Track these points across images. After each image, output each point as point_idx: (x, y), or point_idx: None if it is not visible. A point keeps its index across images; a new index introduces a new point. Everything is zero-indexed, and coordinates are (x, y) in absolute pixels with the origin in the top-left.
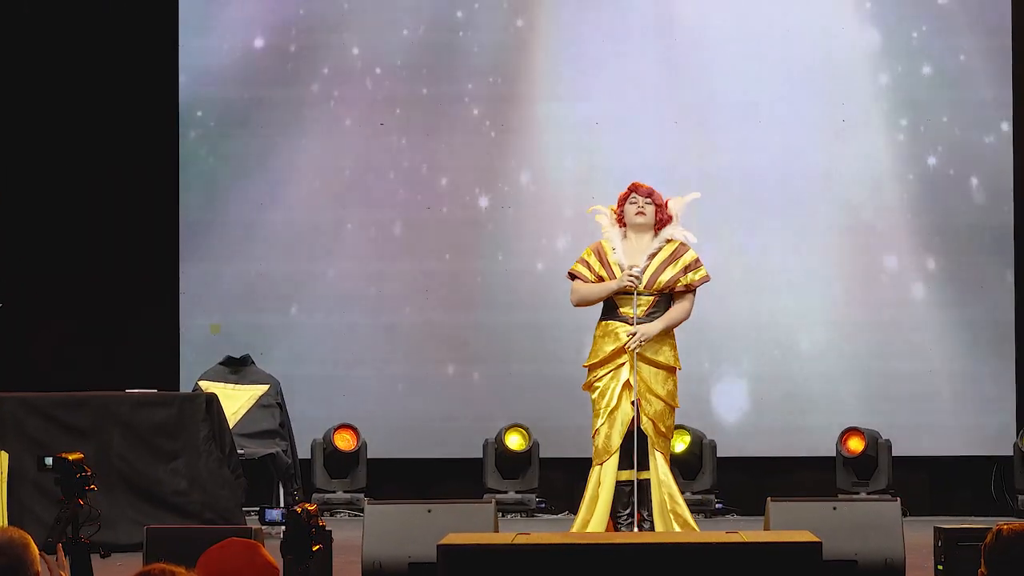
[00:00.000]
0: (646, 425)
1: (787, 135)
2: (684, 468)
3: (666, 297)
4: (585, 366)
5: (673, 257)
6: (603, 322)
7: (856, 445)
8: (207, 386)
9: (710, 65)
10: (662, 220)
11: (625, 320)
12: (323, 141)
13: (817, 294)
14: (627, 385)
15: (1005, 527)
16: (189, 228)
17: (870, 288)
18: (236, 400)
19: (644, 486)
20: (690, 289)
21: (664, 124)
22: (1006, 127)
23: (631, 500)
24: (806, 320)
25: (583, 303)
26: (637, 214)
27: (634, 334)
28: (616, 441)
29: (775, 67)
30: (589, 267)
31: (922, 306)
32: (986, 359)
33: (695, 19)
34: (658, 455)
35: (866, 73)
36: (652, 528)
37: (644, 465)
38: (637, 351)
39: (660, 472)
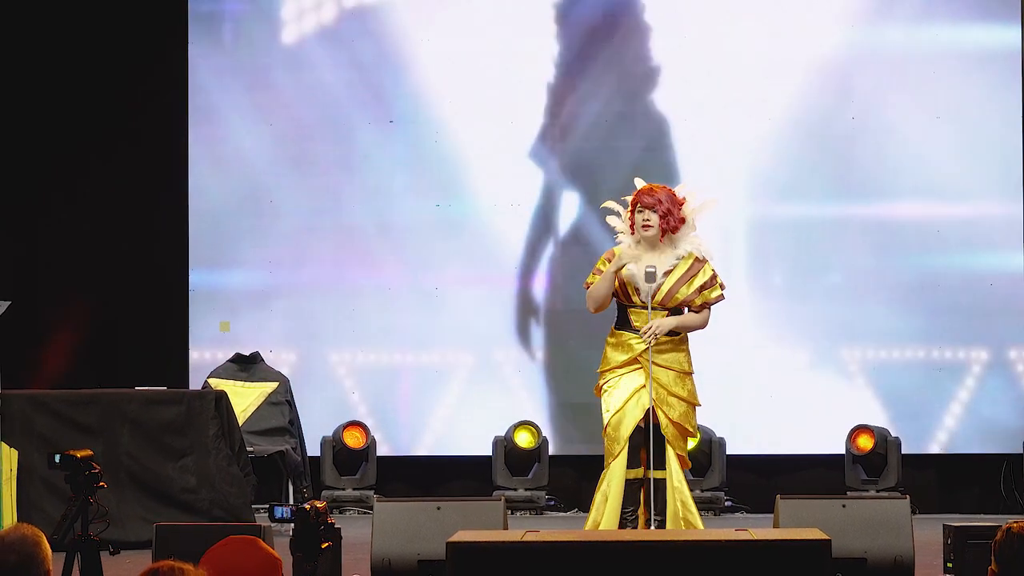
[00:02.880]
0: (667, 429)
1: (794, 132)
2: (694, 466)
3: (677, 312)
4: (597, 371)
5: (689, 275)
6: (616, 331)
7: (865, 443)
8: (216, 383)
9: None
10: (672, 226)
11: (637, 332)
12: (331, 139)
13: (825, 292)
14: (640, 390)
15: (1015, 525)
16: (199, 226)
17: (878, 286)
18: (245, 397)
19: (659, 486)
20: (706, 306)
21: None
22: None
23: (638, 498)
24: (815, 318)
25: (597, 305)
26: (644, 227)
27: (646, 332)
28: (623, 436)
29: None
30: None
31: (929, 304)
32: (994, 357)
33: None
34: (675, 459)
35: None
36: (662, 527)
37: (660, 464)
38: (652, 352)
39: (675, 478)
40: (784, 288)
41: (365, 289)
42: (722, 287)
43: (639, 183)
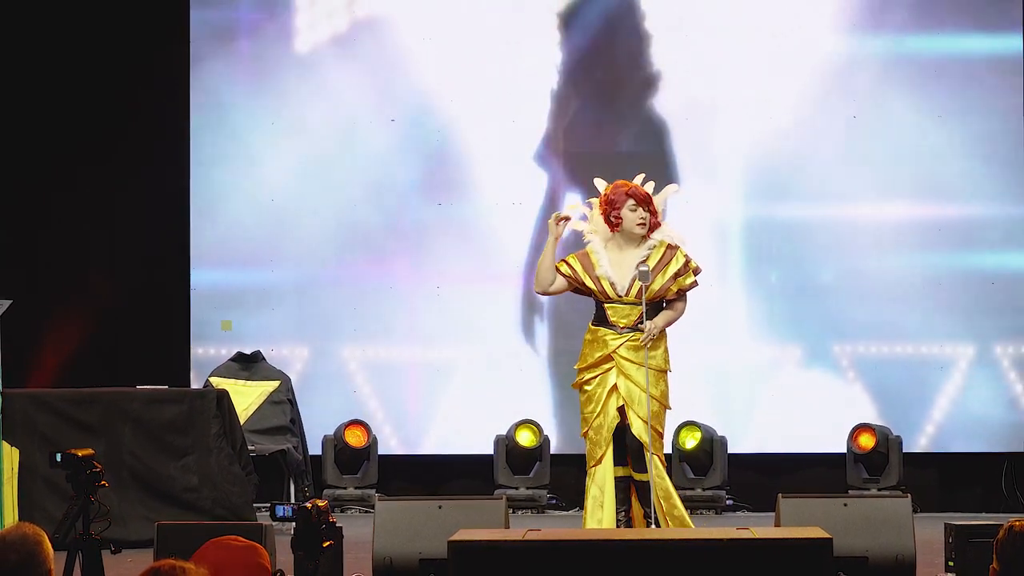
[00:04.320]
0: (640, 430)
1: (795, 132)
2: (695, 464)
3: (656, 304)
4: (576, 368)
5: (662, 263)
6: (593, 327)
7: (867, 442)
8: (218, 382)
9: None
10: (655, 224)
11: (614, 328)
12: (335, 138)
13: (827, 290)
14: (614, 389)
15: (1017, 523)
16: (201, 225)
17: (879, 284)
18: (247, 396)
19: (644, 487)
20: (681, 296)
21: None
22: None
23: (627, 496)
24: (816, 316)
25: (541, 284)
26: (639, 224)
27: (644, 338)
28: (603, 446)
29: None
30: (575, 272)
31: (931, 302)
32: (997, 355)
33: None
34: (655, 458)
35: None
36: (657, 525)
37: (642, 468)
38: (631, 353)
39: (656, 475)
40: (783, 287)
41: (368, 287)
42: (696, 272)
43: (600, 184)
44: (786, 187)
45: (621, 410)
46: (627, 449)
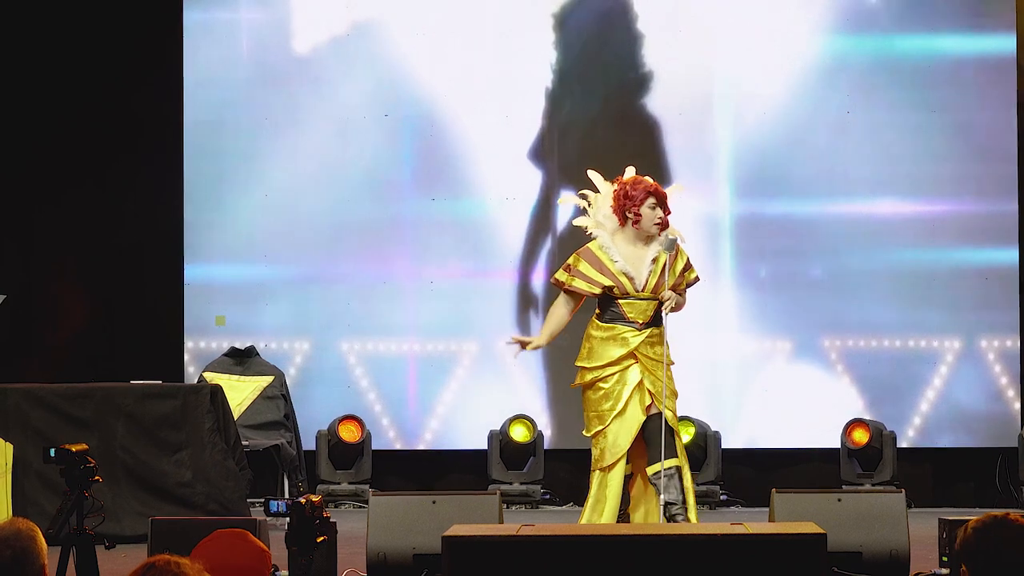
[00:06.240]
0: (670, 419)
1: (788, 129)
2: (689, 459)
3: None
4: (582, 365)
5: (671, 260)
6: (606, 324)
7: (861, 437)
8: (212, 377)
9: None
10: (665, 224)
11: (632, 324)
12: (328, 133)
13: (817, 285)
14: (639, 386)
15: (972, 521)
16: (194, 220)
17: (868, 279)
18: (241, 391)
19: (676, 473)
20: (687, 288)
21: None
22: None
23: (629, 495)
24: (811, 311)
25: (570, 317)
26: (656, 224)
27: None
28: (624, 445)
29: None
30: (590, 280)
31: (919, 297)
32: (990, 350)
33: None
34: (682, 446)
35: None
36: (685, 517)
37: (672, 453)
38: (649, 349)
39: (686, 465)
40: (773, 282)
41: (360, 283)
42: (697, 275)
43: (594, 176)
44: (777, 183)
45: (648, 406)
46: (647, 440)
